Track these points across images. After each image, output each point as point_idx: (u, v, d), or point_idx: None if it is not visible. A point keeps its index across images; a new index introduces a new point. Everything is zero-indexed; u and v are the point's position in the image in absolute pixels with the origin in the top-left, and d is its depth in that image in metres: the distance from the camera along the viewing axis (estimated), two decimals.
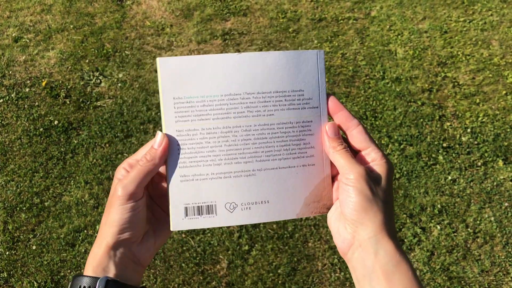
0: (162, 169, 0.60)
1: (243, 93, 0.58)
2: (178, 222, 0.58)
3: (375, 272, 0.54)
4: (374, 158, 0.59)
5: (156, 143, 0.57)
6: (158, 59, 0.58)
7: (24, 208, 2.30)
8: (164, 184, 0.62)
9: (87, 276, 0.55)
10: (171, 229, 0.58)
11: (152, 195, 0.62)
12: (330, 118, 0.62)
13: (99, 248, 0.56)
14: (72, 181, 2.40)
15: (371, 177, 0.57)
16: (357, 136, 0.59)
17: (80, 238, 2.19)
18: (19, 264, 2.12)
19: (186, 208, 0.58)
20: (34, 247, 2.17)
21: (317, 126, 0.61)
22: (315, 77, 0.61)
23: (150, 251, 0.60)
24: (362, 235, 0.55)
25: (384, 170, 0.58)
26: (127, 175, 0.56)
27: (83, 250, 2.15)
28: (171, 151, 0.58)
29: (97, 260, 0.56)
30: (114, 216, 0.55)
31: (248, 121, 0.59)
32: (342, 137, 0.61)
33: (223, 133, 0.58)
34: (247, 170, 0.59)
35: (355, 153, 0.60)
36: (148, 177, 0.57)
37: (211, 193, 0.58)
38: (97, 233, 2.19)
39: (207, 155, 0.58)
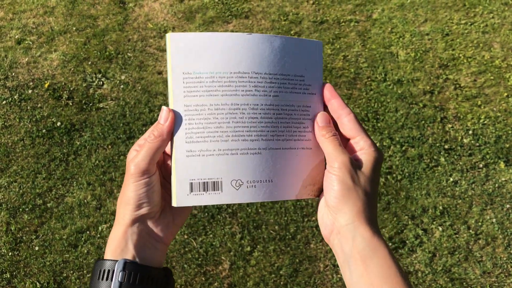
0: (168, 148, 0.61)
1: (251, 72, 0.59)
2: (182, 198, 0.57)
3: (353, 257, 0.55)
4: (362, 147, 0.59)
5: (162, 118, 0.57)
6: (168, 34, 0.58)
7: (27, 209, 2.30)
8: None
9: (106, 259, 0.56)
10: (175, 204, 0.57)
11: (164, 175, 0.62)
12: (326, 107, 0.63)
13: (117, 230, 0.57)
14: (75, 182, 2.41)
15: (355, 165, 0.58)
16: (347, 124, 0.60)
17: (82, 239, 2.20)
18: (22, 265, 2.13)
19: (191, 183, 0.57)
20: (36, 248, 2.17)
21: (314, 111, 0.62)
22: (315, 65, 0.63)
23: (169, 228, 0.60)
24: (341, 222, 0.57)
25: (370, 159, 0.59)
26: (137, 153, 0.57)
27: (85, 251, 2.15)
28: (177, 126, 0.57)
29: (116, 242, 0.57)
30: (129, 193, 0.56)
31: (255, 100, 0.59)
32: (334, 126, 0.62)
33: (231, 109, 0.58)
34: (254, 148, 0.59)
35: (346, 142, 0.62)
36: (158, 153, 0.57)
37: (217, 169, 0.57)
38: (99, 234, 2.19)
39: (215, 131, 0.57)
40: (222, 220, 2.24)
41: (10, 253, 2.16)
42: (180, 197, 0.57)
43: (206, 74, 0.58)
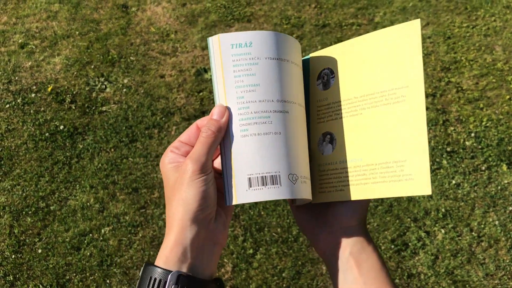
0: None
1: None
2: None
3: (348, 262, 0.62)
4: None
5: (216, 114, 0.56)
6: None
7: (30, 212, 2.31)
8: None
9: (159, 267, 0.52)
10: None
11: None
12: None
13: (174, 235, 0.53)
14: (78, 185, 2.41)
15: None
16: None
17: (85, 242, 2.20)
18: (25, 268, 2.13)
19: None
20: (39, 251, 2.18)
21: None
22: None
23: (225, 227, 0.58)
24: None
25: None
26: (193, 150, 0.55)
27: (88, 254, 2.16)
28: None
29: (172, 248, 0.53)
30: (188, 193, 0.53)
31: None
32: None
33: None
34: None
35: None
36: (214, 148, 0.55)
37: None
38: (102, 236, 2.20)
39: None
40: None
41: (13, 256, 2.16)
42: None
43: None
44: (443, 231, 2.22)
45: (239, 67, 0.57)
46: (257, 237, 2.21)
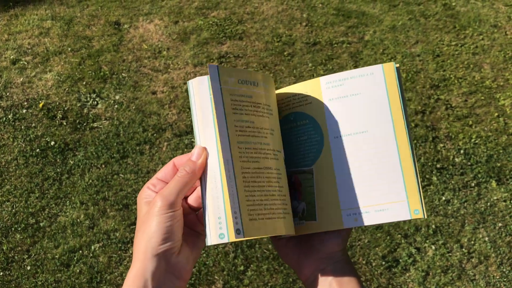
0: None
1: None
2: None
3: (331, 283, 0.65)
4: None
5: (195, 155, 0.58)
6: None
7: (19, 229, 2.29)
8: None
9: None
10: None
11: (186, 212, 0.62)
12: None
13: (136, 267, 0.55)
14: (68, 201, 2.40)
15: None
16: None
17: (75, 258, 2.18)
18: (13, 285, 2.11)
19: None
20: (28, 268, 2.16)
21: None
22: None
23: (189, 262, 0.59)
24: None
25: None
26: (166, 187, 0.57)
27: (78, 271, 2.14)
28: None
29: (133, 280, 0.54)
30: (153, 227, 0.55)
31: None
32: None
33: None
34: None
35: None
36: (186, 188, 0.57)
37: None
38: (92, 253, 2.18)
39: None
40: None
41: (1, 273, 2.14)
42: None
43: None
44: (433, 247, 2.22)
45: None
46: (248, 253, 2.20)
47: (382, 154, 0.62)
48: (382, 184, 0.62)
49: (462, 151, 2.61)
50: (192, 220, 0.62)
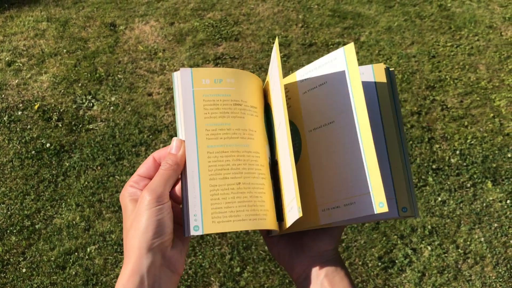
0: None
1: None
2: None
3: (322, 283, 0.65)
4: None
5: (174, 148, 0.58)
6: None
7: (15, 231, 2.29)
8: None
9: None
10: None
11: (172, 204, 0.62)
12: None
13: (130, 264, 0.54)
14: (64, 203, 2.39)
15: None
16: None
17: (71, 260, 2.18)
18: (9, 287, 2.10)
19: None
20: (24, 270, 2.15)
21: None
22: None
23: (182, 255, 0.59)
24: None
25: None
26: (151, 182, 0.57)
27: (73, 273, 2.13)
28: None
29: (129, 278, 0.54)
30: (145, 222, 0.54)
31: None
32: None
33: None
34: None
35: None
36: (172, 181, 0.57)
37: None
38: (88, 255, 2.18)
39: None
40: (211, 241, 2.24)
41: None
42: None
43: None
44: (429, 248, 2.23)
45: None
46: (244, 255, 2.20)
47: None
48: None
49: (458, 152, 2.61)
50: (178, 213, 0.62)
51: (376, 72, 0.65)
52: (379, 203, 0.55)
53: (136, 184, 0.59)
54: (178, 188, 0.62)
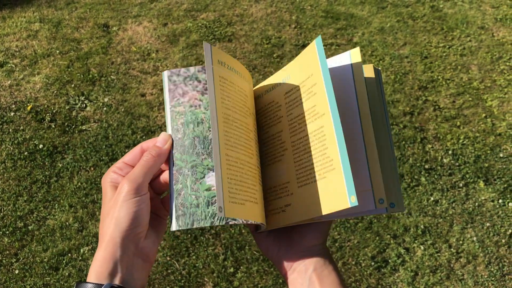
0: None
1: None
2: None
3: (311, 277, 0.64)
4: None
5: (160, 141, 0.59)
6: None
7: (7, 232, 2.28)
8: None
9: (90, 282, 0.53)
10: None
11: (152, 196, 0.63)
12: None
13: (104, 251, 0.55)
14: (57, 204, 2.39)
15: None
16: None
17: (64, 261, 2.17)
18: None
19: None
20: (16, 271, 2.14)
21: None
22: None
23: (155, 244, 0.60)
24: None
25: None
26: (131, 171, 0.57)
27: (67, 274, 2.13)
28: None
29: (102, 264, 0.54)
30: (121, 212, 0.55)
31: None
32: None
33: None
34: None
35: None
36: (152, 172, 0.58)
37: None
38: (81, 256, 2.17)
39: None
40: (205, 241, 2.24)
41: None
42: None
43: None
44: (422, 247, 2.24)
45: None
46: (238, 255, 2.20)
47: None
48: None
49: (450, 152, 2.62)
50: (156, 204, 0.63)
51: (352, 56, 0.65)
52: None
53: (120, 170, 0.60)
54: (163, 177, 0.63)
